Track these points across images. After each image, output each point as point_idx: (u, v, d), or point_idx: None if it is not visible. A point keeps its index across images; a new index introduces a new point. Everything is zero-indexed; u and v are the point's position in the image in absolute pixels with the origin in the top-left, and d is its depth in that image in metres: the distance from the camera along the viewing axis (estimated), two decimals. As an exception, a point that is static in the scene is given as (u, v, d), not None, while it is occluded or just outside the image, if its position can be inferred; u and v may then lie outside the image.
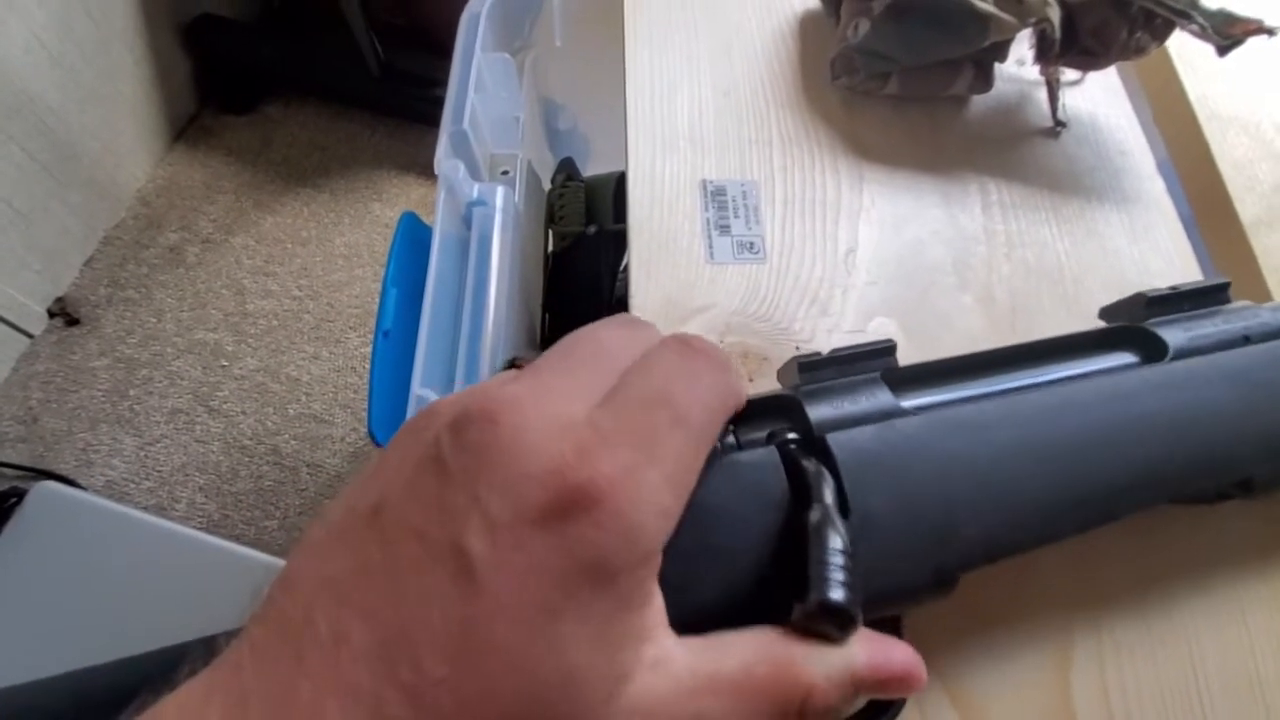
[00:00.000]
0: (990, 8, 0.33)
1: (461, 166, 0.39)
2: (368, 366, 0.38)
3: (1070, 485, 0.22)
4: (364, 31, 0.83)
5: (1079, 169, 0.38)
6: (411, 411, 0.33)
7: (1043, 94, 0.39)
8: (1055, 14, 0.33)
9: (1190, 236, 0.38)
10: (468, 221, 0.40)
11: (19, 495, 0.78)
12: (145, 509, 0.76)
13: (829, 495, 0.20)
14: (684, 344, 0.17)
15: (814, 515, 0.19)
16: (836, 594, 0.17)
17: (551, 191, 0.57)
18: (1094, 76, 0.40)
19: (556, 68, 0.57)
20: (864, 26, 0.36)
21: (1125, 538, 0.28)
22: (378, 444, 0.35)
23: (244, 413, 0.82)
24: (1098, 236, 0.36)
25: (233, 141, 0.98)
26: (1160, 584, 0.27)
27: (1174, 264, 0.35)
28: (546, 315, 0.54)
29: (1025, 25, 0.33)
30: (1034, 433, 0.22)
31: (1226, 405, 0.24)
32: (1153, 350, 0.25)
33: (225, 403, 0.83)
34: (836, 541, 0.18)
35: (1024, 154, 0.38)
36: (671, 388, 0.16)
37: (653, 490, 0.14)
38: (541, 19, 0.52)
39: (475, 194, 0.39)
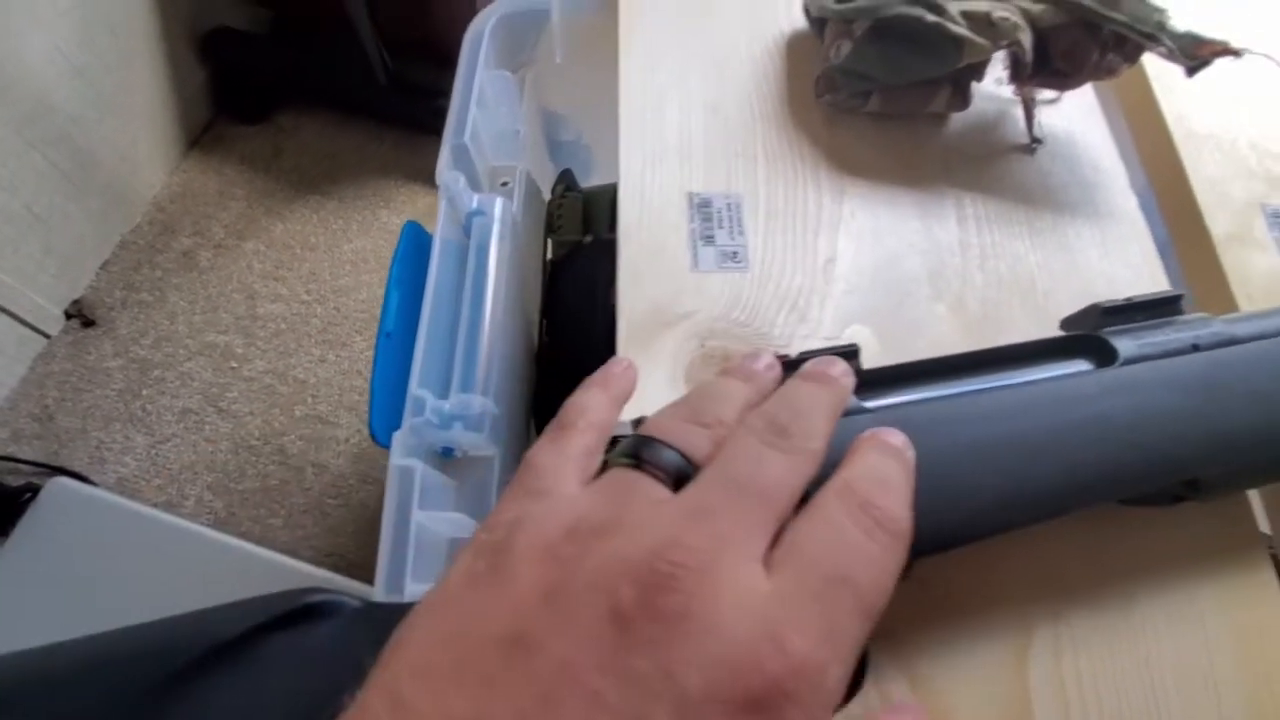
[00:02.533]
0: (963, 31, 0.34)
1: (461, 178, 0.41)
2: (373, 369, 0.40)
3: (1021, 482, 0.23)
4: (373, 43, 0.86)
5: (1053, 184, 0.39)
6: (409, 412, 0.35)
7: (1020, 112, 0.40)
8: (1026, 37, 0.34)
9: (1172, 251, 0.39)
10: (468, 230, 0.42)
11: (34, 491, 0.80)
12: (155, 505, 0.78)
13: None
14: (862, 502, 0.16)
15: None
16: None
17: (551, 201, 0.59)
18: (1071, 95, 0.41)
19: (560, 81, 0.59)
20: (846, 47, 0.37)
21: (1085, 535, 0.29)
22: (379, 443, 0.37)
23: (252, 413, 0.84)
24: (1069, 250, 0.37)
25: (245, 150, 1.01)
26: (1119, 581, 0.28)
27: (1143, 277, 0.37)
28: (545, 320, 0.56)
29: (997, 48, 0.35)
30: (987, 432, 0.24)
31: (1172, 409, 0.25)
32: (1105, 357, 0.26)
33: (234, 403, 0.85)
34: None
35: (1000, 169, 0.39)
36: (853, 566, 0.15)
37: (835, 687, 0.14)
38: (545, 36, 0.54)
39: (474, 204, 0.41)
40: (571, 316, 0.55)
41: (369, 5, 0.82)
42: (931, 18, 0.34)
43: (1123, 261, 0.37)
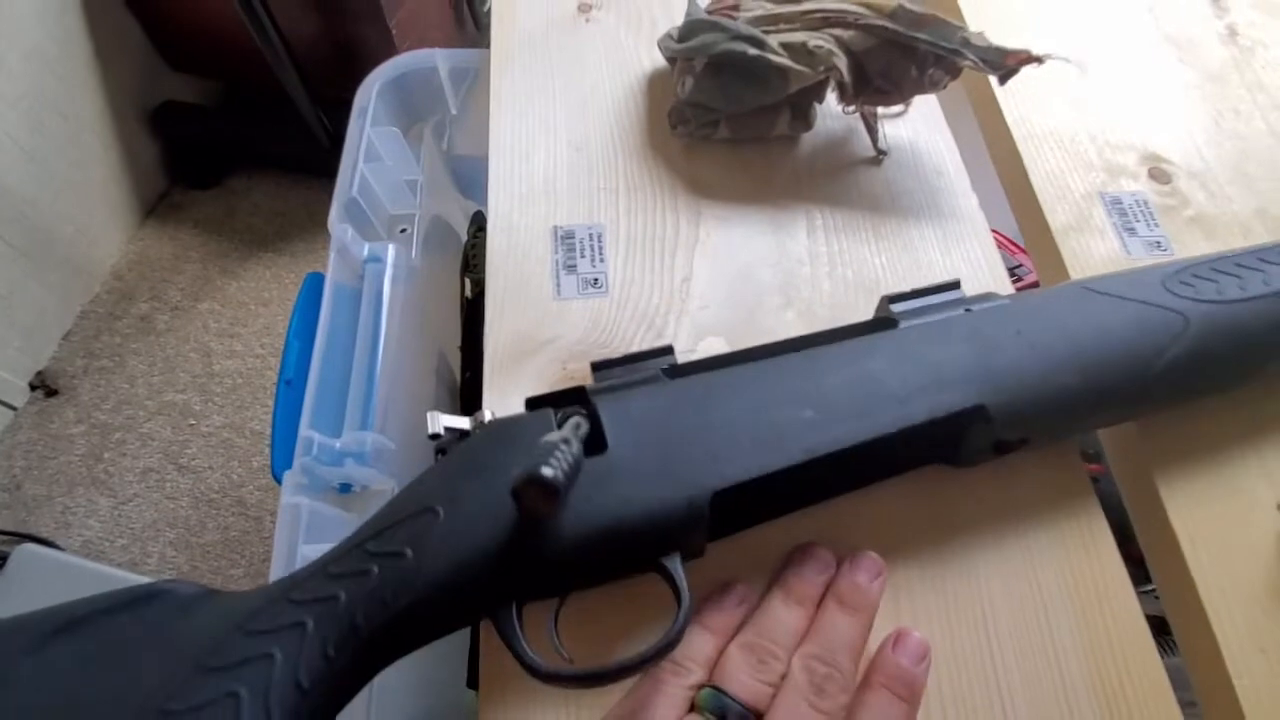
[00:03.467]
0: (786, 61, 0.37)
1: (350, 229, 0.43)
2: (273, 416, 0.42)
3: (810, 424, 0.25)
4: (309, 106, 0.90)
5: (897, 191, 0.42)
6: (300, 451, 0.37)
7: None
8: (842, 62, 0.37)
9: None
10: (364, 278, 0.44)
11: (3, 558, 0.82)
12: (119, 565, 0.80)
13: (577, 430, 0.23)
14: None
15: (552, 435, 0.22)
16: (548, 470, 0.20)
17: (467, 242, 0.61)
18: (917, 107, 0.44)
19: (480, 129, 0.62)
20: (689, 82, 0.40)
21: (919, 497, 0.30)
22: (280, 483, 0.39)
23: (211, 467, 0.86)
24: (912, 251, 0.39)
25: (199, 214, 1.05)
26: (954, 541, 0.30)
27: (982, 270, 0.39)
28: (465, 356, 0.58)
29: (818, 75, 0.38)
30: (777, 388, 0.26)
31: (945, 355, 0.27)
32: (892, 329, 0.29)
33: (194, 459, 0.87)
34: (565, 446, 0.21)
35: (848, 182, 0.42)
36: None
37: None
38: (442, 90, 0.57)
39: (366, 252, 0.44)
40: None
41: (300, 73, 0.86)
42: (754, 51, 0.37)
43: (963, 257, 0.39)
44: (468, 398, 0.58)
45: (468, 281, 0.61)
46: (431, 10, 0.93)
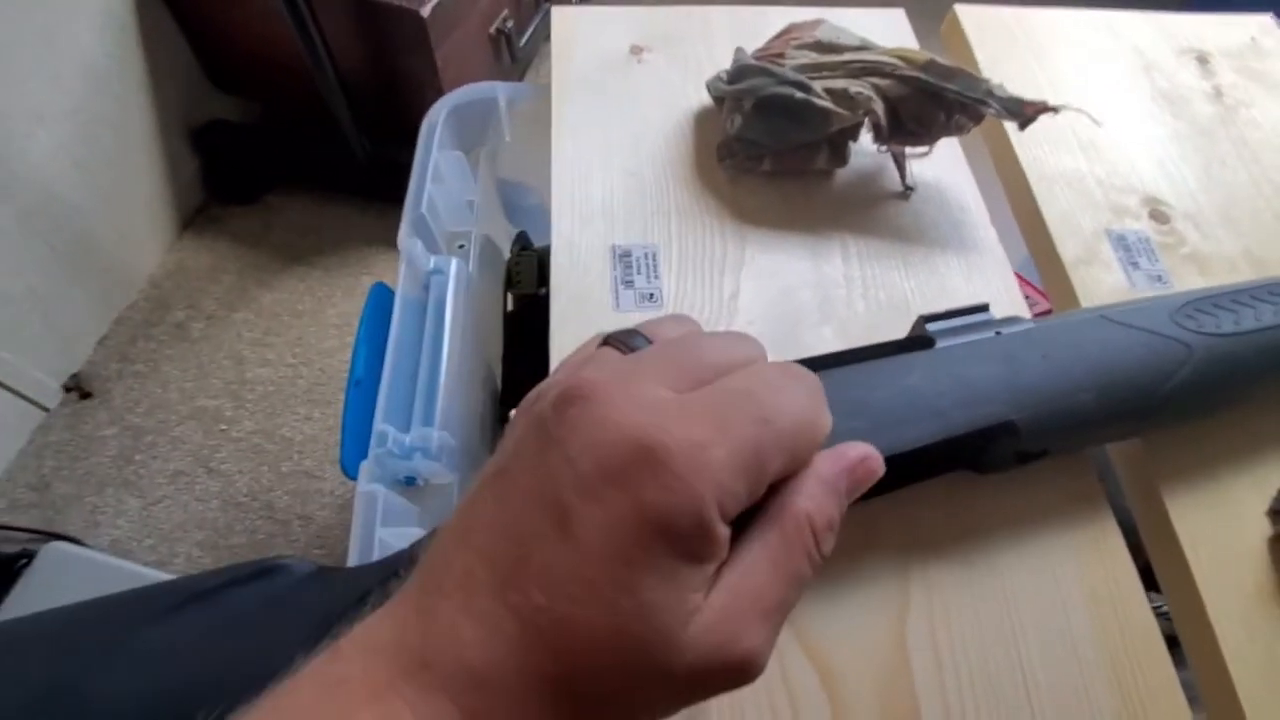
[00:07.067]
0: (828, 104, 0.42)
1: (419, 243, 0.47)
2: (343, 413, 0.45)
3: (861, 434, 0.27)
4: (351, 127, 0.94)
5: (924, 224, 0.46)
6: (374, 445, 0.40)
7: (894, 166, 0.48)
8: (879, 106, 0.42)
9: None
10: (427, 288, 0.48)
11: (29, 556, 0.84)
12: (146, 564, 0.81)
13: None
14: (787, 365, 0.20)
15: None
16: None
17: (510, 260, 0.65)
18: (940, 149, 0.48)
19: (521, 155, 0.67)
20: (738, 120, 0.45)
21: (945, 502, 0.33)
22: (349, 477, 0.42)
23: (240, 472, 0.88)
24: (939, 277, 0.43)
25: (236, 228, 1.09)
26: (981, 543, 0.33)
27: (1001, 296, 0.43)
28: (506, 368, 0.62)
29: (857, 117, 0.42)
30: (832, 398, 0.28)
31: (979, 373, 0.31)
32: (929, 347, 0.32)
33: (223, 463, 0.89)
34: None
35: (879, 214, 0.46)
36: (761, 392, 0.17)
37: (716, 465, 0.15)
38: (502, 118, 0.61)
39: (432, 265, 0.47)
40: (530, 362, 0.61)
41: (347, 96, 0.91)
42: (800, 95, 0.42)
43: (984, 284, 0.43)
44: (508, 408, 0.61)
45: (510, 296, 0.65)
46: (472, 44, 0.98)
